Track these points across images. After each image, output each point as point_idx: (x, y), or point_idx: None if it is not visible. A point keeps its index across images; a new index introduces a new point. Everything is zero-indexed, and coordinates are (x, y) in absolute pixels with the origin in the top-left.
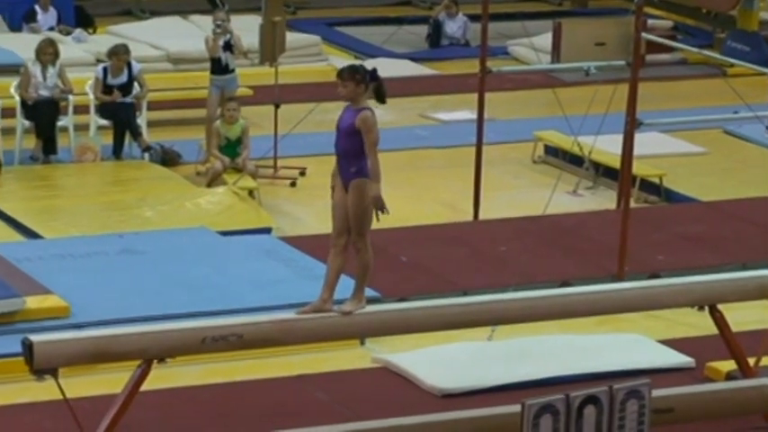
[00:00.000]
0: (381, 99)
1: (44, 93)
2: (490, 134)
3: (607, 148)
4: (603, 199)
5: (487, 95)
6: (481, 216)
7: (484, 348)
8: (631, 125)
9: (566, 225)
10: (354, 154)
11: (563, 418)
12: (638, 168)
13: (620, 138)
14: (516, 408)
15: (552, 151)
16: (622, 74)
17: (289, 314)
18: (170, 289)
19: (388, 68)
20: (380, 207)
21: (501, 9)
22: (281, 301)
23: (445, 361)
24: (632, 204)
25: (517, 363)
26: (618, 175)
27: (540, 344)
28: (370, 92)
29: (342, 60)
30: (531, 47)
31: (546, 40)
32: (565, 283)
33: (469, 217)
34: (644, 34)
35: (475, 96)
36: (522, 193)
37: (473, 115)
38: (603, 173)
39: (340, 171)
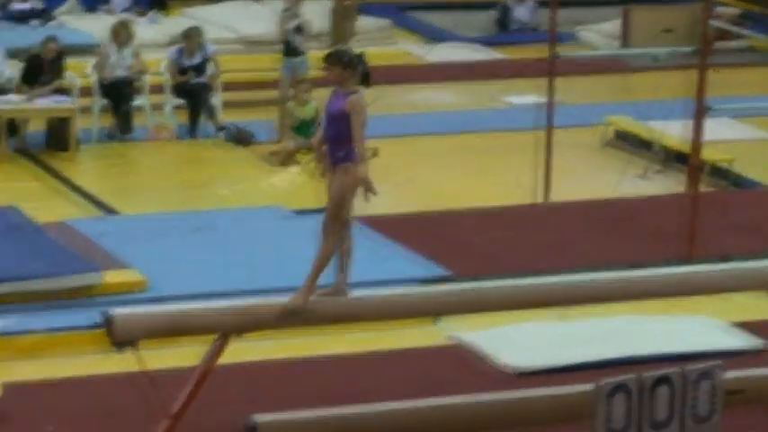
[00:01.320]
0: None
1: (120, 72)
2: (560, 118)
3: (676, 132)
4: (672, 183)
5: (557, 80)
6: (551, 199)
7: (557, 328)
8: (699, 110)
9: (635, 208)
10: (343, 138)
11: (635, 398)
12: (707, 153)
13: (689, 123)
14: (590, 387)
15: (622, 136)
16: (690, 60)
17: (362, 291)
18: (244, 265)
19: (458, 52)
20: (369, 188)
21: None
22: (355, 278)
23: (519, 340)
24: (701, 188)
25: (590, 343)
26: (686, 160)
27: (613, 324)
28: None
29: (412, 44)
30: (600, 32)
31: (615, 26)
32: (635, 266)
33: (540, 199)
34: (711, 21)
35: (544, 81)
36: (592, 176)
37: (542, 99)
38: (672, 158)
39: (329, 155)
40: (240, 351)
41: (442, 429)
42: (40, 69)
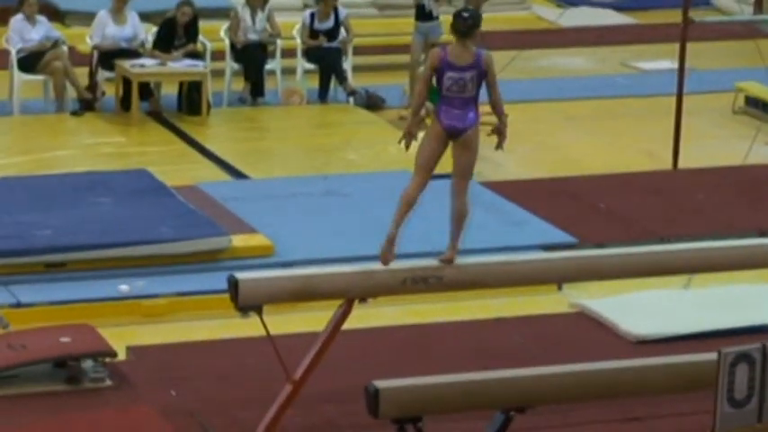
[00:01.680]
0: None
1: (253, 36)
2: (691, 84)
3: None
4: None
5: (689, 45)
6: (680, 165)
7: (680, 296)
8: None
9: (765, 176)
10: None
11: (759, 368)
12: None
13: None
14: (712, 356)
15: (753, 102)
16: None
17: (488, 257)
18: (372, 231)
19: (591, 17)
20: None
21: None
22: (481, 245)
23: (641, 308)
24: None
25: (713, 311)
26: None
27: (737, 293)
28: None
29: (544, 9)
30: None
31: None
32: (763, 233)
33: (669, 166)
34: None
35: (676, 46)
36: (722, 143)
37: (674, 65)
38: None
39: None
40: (365, 316)
41: (563, 396)
42: (174, 33)
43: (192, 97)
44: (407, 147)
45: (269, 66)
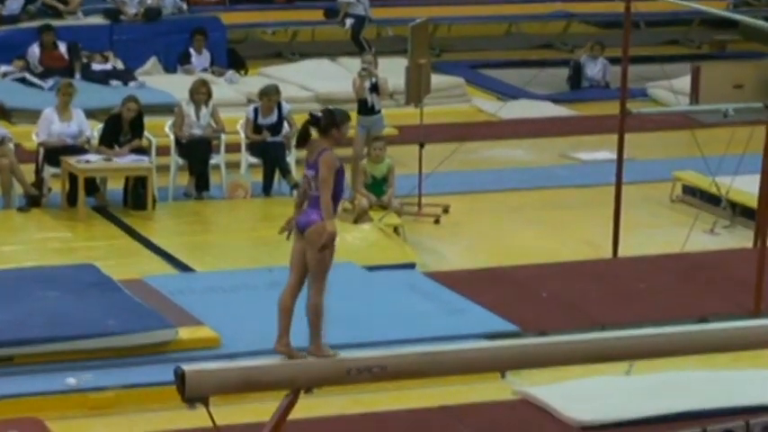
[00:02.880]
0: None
1: (197, 132)
2: (629, 174)
3: (744, 188)
4: (740, 238)
5: (627, 136)
6: (620, 253)
7: (622, 382)
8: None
9: (703, 263)
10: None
11: None
12: None
13: (757, 178)
14: None
15: (690, 191)
16: (760, 116)
17: (431, 347)
18: None
19: (529, 109)
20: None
21: (641, 52)
22: (424, 334)
23: (584, 394)
24: None
25: (655, 397)
26: (755, 215)
27: (678, 378)
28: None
29: (485, 101)
30: (671, 89)
31: (685, 82)
32: (702, 319)
33: (609, 254)
34: None
35: (614, 137)
36: (661, 231)
37: (613, 155)
38: (741, 212)
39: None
40: (311, 406)
41: None
42: (120, 129)
43: (137, 192)
44: (287, 236)
45: (213, 160)
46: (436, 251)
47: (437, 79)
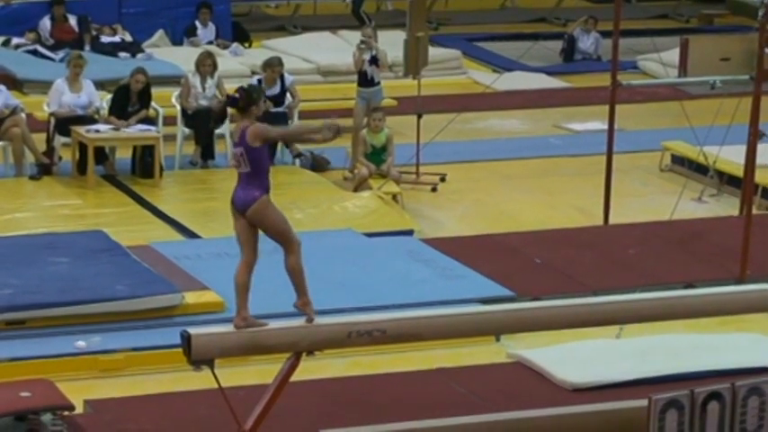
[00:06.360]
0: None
1: (203, 102)
2: (620, 144)
3: (731, 157)
4: (727, 206)
5: (618, 107)
6: (611, 221)
7: (613, 346)
8: (755, 136)
9: (691, 230)
10: None
11: (687, 413)
12: (761, 177)
13: (743, 148)
14: (643, 402)
15: (679, 160)
16: (746, 87)
17: (429, 311)
18: (318, 286)
19: (524, 81)
20: None
21: (631, 26)
22: (422, 298)
23: (576, 357)
24: (754, 211)
25: (644, 360)
26: (741, 184)
27: (666, 342)
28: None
29: (480, 73)
30: (660, 61)
31: (673, 55)
32: (689, 285)
33: (600, 222)
34: (767, 50)
35: (606, 108)
36: (650, 199)
37: (604, 126)
38: (727, 181)
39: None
40: (313, 368)
41: None
42: (128, 100)
43: (145, 161)
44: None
45: (218, 130)
46: (434, 218)
47: (434, 52)
